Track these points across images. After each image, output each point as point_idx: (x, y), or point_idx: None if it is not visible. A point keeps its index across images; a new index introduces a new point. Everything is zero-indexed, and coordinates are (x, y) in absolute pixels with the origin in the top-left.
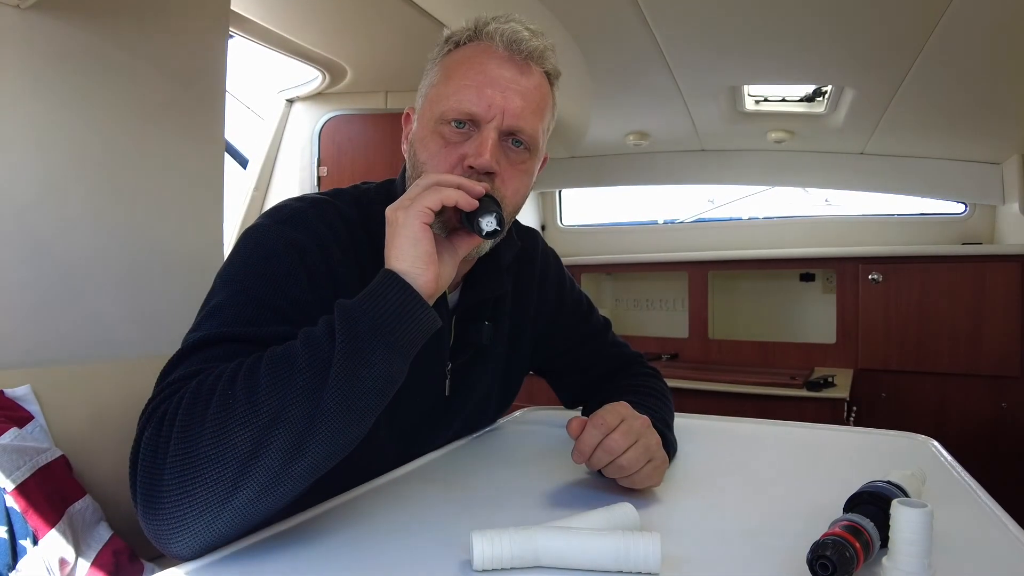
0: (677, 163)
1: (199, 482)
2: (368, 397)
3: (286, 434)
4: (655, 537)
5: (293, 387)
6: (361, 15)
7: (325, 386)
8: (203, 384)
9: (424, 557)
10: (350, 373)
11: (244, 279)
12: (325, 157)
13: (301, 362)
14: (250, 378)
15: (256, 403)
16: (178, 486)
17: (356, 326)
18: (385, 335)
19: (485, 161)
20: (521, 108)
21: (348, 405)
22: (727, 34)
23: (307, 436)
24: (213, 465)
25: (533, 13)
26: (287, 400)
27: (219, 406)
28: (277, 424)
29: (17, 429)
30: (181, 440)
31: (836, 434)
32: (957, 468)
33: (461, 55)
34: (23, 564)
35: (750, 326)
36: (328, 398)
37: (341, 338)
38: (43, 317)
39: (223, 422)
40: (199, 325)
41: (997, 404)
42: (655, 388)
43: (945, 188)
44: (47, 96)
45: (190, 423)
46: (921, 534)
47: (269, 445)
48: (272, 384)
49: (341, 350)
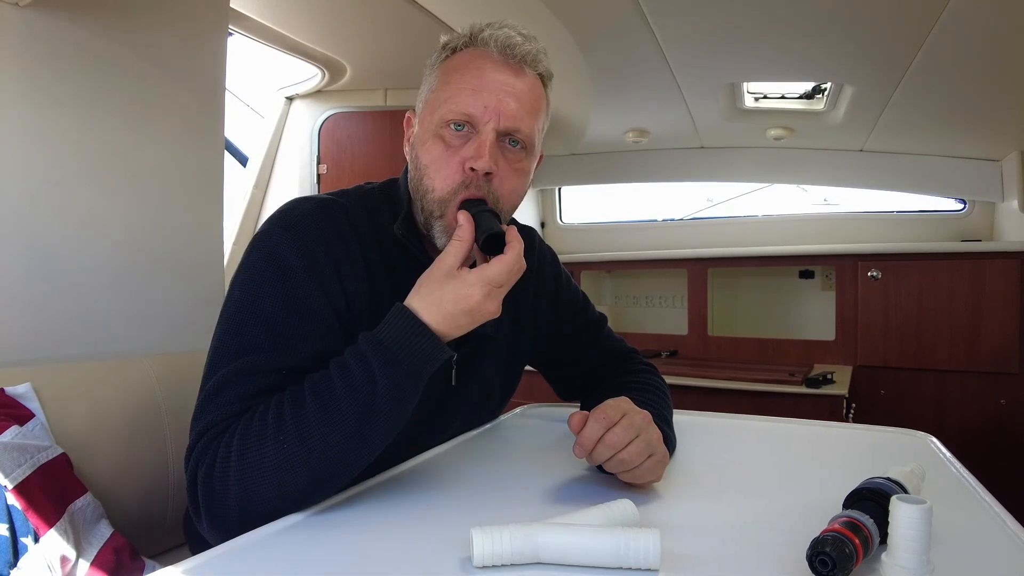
0: (676, 160)
1: (261, 501)
2: (403, 418)
3: (337, 468)
4: (655, 533)
5: (344, 430)
6: (360, 12)
7: (372, 424)
8: (249, 428)
9: (424, 553)
10: (395, 410)
11: (257, 298)
12: (325, 155)
13: (346, 407)
14: (300, 424)
15: (310, 447)
16: (240, 510)
17: (398, 372)
18: (418, 378)
19: (484, 162)
20: (516, 109)
21: (389, 434)
22: (726, 31)
23: (353, 465)
24: (275, 497)
25: (532, 11)
26: (335, 441)
27: (276, 453)
28: (330, 463)
29: (18, 427)
30: (240, 479)
31: (835, 431)
32: (956, 464)
33: (458, 61)
34: (24, 562)
35: (749, 323)
36: (374, 432)
37: (383, 384)
38: (44, 315)
39: (282, 464)
40: (220, 354)
41: (996, 401)
42: (654, 384)
43: (944, 185)
44: (46, 94)
45: (246, 465)
46: (920, 530)
47: (328, 482)
48: (324, 431)
49: (384, 396)
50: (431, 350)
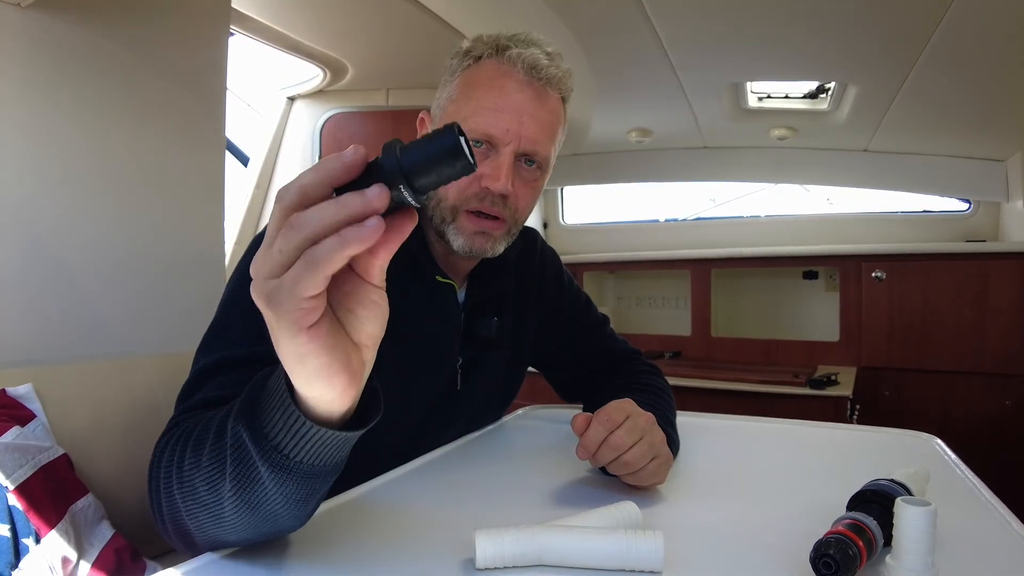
0: (680, 160)
1: (192, 518)
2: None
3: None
4: (658, 535)
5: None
6: (362, 12)
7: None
8: (194, 432)
9: (427, 555)
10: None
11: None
12: (326, 155)
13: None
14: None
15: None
16: (177, 519)
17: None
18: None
19: (502, 185)
20: (536, 133)
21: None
22: (729, 30)
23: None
24: (201, 508)
25: (535, 11)
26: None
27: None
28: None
29: (19, 428)
30: (178, 478)
31: (839, 432)
32: (961, 466)
33: (481, 74)
34: (26, 563)
35: (753, 324)
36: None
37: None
38: (44, 316)
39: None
40: (211, 343)
41: (1001, 402)
42: (657, 386)
43: (949, 185)
44: (48, 95)
45: (184, 467)
46: (925, 532)
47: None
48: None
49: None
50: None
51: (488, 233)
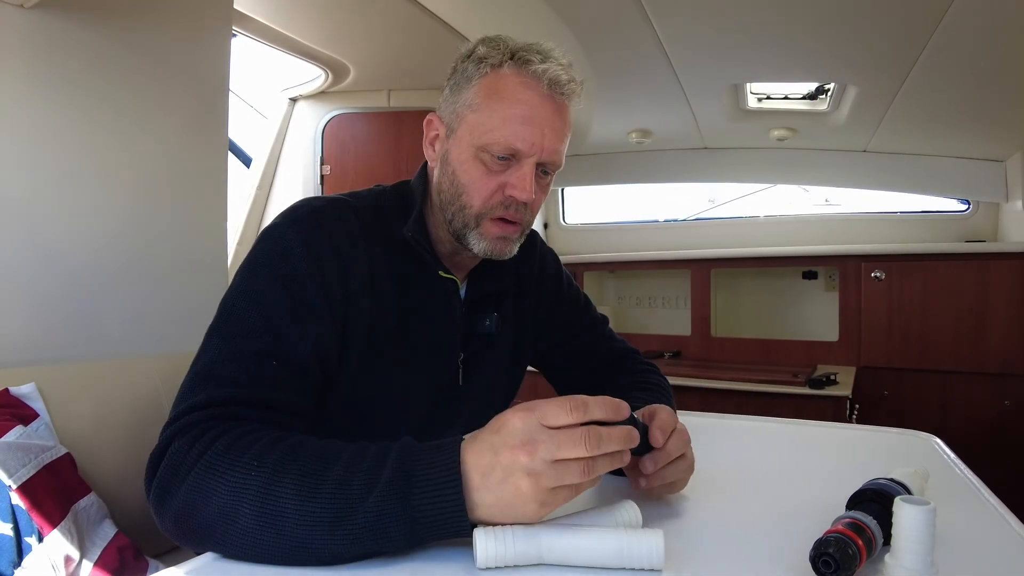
0: (680, 161)
1: (198, 519)
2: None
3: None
4: (658, 534)
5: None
6: (364, 14)
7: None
8: (239, 438)
9: (427, 554)
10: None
11: (260, 283)
12: (328, 156)
13: (325, 493)
14: (279, 474)
15: (271, 495)
16: (186, 509)
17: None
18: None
19: (527, 196)
20: (556, 144)
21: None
22: (729, 31)
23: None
24: (214, 514)
25: (535, 11)
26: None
27: (240, 472)
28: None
29: (22, 427)
30: (202, 472)
31: (839, 432)
32: (960, 466)
33: (503, 84)
34: (28, 561)
35: (753, 324)
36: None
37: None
38: (48, 316)
39: (238, 490)
40: (217, 332)
41: (1000, 402)
42: (658, 384)
43: (948, 186)
44: (50, 95)
45: (211, 470)
46: (924, 531)
47: (262, 532)
48: (299, 503)
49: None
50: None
51: (508, 237)
